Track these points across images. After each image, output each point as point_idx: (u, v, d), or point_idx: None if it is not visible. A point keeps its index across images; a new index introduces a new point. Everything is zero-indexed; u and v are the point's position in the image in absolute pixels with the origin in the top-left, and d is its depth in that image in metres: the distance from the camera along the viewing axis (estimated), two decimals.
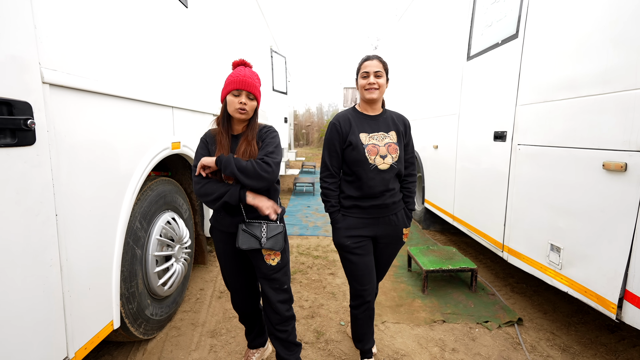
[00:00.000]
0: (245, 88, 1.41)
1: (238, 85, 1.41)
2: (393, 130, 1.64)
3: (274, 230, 1.49)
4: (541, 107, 2.08)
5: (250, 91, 1.43)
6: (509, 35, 2.42)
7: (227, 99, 1.45)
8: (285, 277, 1.60)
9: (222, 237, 1.58)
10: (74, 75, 1.25)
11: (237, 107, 1.42)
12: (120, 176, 1.59)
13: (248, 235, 1.45)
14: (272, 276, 1.55)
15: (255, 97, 1.46)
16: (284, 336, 1.62)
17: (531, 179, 2.17)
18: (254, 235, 1.45)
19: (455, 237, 4.23)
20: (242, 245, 1.44)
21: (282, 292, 1.59)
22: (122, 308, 1.72)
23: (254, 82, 1.44)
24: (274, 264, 1.53)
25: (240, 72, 1.43)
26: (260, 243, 1.45)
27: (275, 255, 1.53)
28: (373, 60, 1.57)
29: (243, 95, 1.42)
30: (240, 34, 3.89)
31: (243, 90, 1.42)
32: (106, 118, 1.46)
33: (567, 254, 1.88)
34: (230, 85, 1.43)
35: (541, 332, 2.24)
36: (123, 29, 1.59)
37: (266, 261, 1.52)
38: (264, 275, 1.55)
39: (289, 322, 1.63)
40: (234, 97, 1.42)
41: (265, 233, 1.47)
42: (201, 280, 2.89)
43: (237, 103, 1.42)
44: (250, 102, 1.45)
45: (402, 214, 1.71)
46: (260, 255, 1.52)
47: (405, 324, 2.31)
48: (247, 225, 1.46)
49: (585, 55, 1.76)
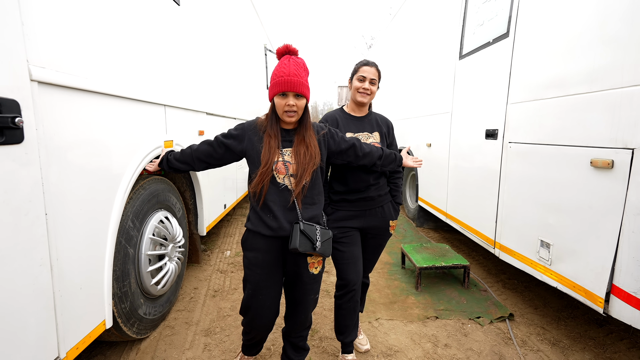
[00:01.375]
0: (291, 89, 1.30)
1: (284, 87, 1.30)
2: (377, 130, 1.75)
3: (326, 235, 1.42)
4: (531, 105, 2.11)
5: (297, 91, 1.31)
6: (500, 34, 2.45)
7: (275, 100, 1.35)
8: (319, 286, 1.57)
9: (263, 244, 1.42)
10: (63, 72, 1.23)
11: (286, 109, 1.33)
12: (112, 175, 1.58)
13: (305, 237, 1.35)
14: (311, 285, 1.49)
15: (304, 95, 1.34)
16: (297, 341, 1.63)
17: (522, 177, 2.21)
18: (310, 238, 1.36)
19: (448, 234, 4.27)
20: (300, 247, 1.32)
21: (314, 302, 1.57)
22: (115, 307, 1.71)
23: (299, 80, 1.31)
24: (315, 273, 1.47)
25: (285, 70, 1.30)
26: (315, 247, 1.36)
27: (318, 264, 1.47)
28: (371, 68, 1.69)
29: (290, 96, 1.32)
30: (234, 32, 3.87)
31: (290, 92, 1.31)
32: (97, 116, 1.45)
33: (556, 250, 1.91)
34: (275, 87, 1.32)
35: (532, 326, 2.28)
36: (114, 27, 1.57)
37: (309, 269, 1.45)
38: (304, 284, 1.48)
39: (308, 329, 1.66)
40: (281, 98, 1.33)
41: (320, 237, 1.39)
42: (195, 279, 2.88)
43: (285, 105, 1.33)
44: (299, 101, 1.34)
45: (389, 207, 1.80)
46: (305, 264, 1.44)
47: (398, 320, 2.33)
48: (304, 226, 1.36)
49: (574, 54, 1.79)
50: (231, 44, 3.77)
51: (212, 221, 3.15)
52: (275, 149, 1.36)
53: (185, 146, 2.43)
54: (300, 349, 1.66)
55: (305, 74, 1.35)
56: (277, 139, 1.38)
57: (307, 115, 1.42)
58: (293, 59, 1.34)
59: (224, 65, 3.49)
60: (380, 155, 1.63)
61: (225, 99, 3.58)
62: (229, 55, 3.68)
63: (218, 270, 3.08)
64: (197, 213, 2.87)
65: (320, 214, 1.49)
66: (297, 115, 1.36)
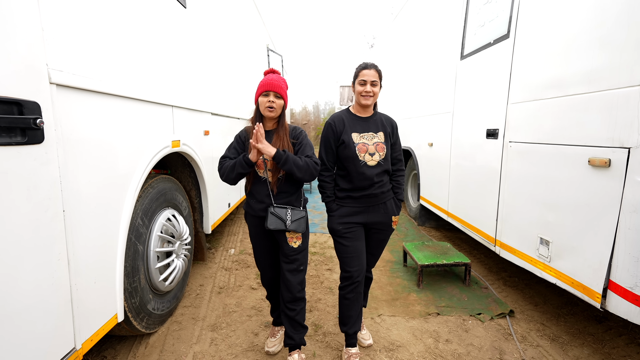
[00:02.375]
0: (273, 89, 1.66)
1: (266, 88, 1.66)
2: (381, 131, 1.82)
3: (297, 215, 1.72)
4: (531, 105, 2.15)
5: (277, 92, 1.67)
6: (501, 35, 2.49)
7: (259, 100, 1.69)
8: (304, 258, 1.81)
9: (253, 220, 1.80)
10: (79, 75, 1.29)
11: (266, 105, 1.66)
12: (123, 173, 1.63)
13: (275, 217, 1.67)
14: (292, 257, 1.76)
15: (282, 97, 1.69)
16: (292, 314, 1.80)
17: (522, 175, 2.25)
18: (280, 217, 1.68)
19: (450, 233, 4.31)
20: (269, 225, 1.66)
21: (298, 273, 1.79)
22: (125, 302, 1.76)
23: (280, 84, 1.68)
24: (295, 246, 1.76)
25: (269, 77, 1.69)
26: (286, 225, 1.67)
27: (297, 239, 1.75)
28: (371, 70, 1.74)
29: (271, 95, 1.66)
30: (237, 33, 3.92)
31: (271, 91, 1.66)
32: (109, 117, 1.51)
33: (555, 247, 1.95)
34: (260, 89, 1.69)
35: (532, 323, 2.32)
36: (124, 31, 1.63)
37: (289, 243, 1.75)
38: (286, 255, 1.77)
39: (299, 302, 1.82)
40: (264, 97, 1.67)
41: (290, 216, 1.69)
42: (201, 276, 2.94)
43: (266, 102, 1.66)
44: (278, 100, 1.68)
45: (392, 203, 1.88)
46: (284, 237, 1.75)
47: (400, 316, 2.38)
48: (274, 209, 1.68)
49: (572, 55, 1.82)
50: (235, 45, 3.82)
51: (217, 219, 3.21)
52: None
53: (192, 146, 2.50)
54: (296, 324, 1.82)
55: (284, 84, 1.72)
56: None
57: (283, 118, 1.75)
58: (276, 74, 1.74)
59: (228, 67, 3.54)
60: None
61: (229, 100, 3.63)
62: (232, 57, 3.74)
63: (223, 267, 3.14)
64: (203, 211, 2.93)
65: (295, 198, 1.78)
66: (275, 111, 1.68)
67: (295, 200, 1.79)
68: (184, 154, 2.48)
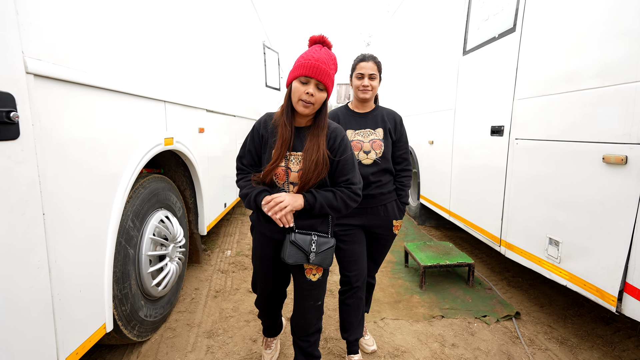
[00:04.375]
0: (316, 76, 1.15)
1: (307, 71, 1.15)
2: (381, 127, 1.70)
3: (324, 245, 1.30)
4: (539, 101, 2.08)
5: (322, 80, 1.16)
6: (506, 29, 2.41)
7: (293, 85, 1.20)
8: (321, 292, 1.46)
9: (262, 240, 1.41)
10: (61, 65, 1.18)
11: (303, 97, 1.17)
12: (111, 173, 1.52)
13: (296, 248, 1.26)
14: (308, 292, 1.41)
15: (326, 88, 1.20)
16: (305, 346, 1.56)
17: (529, 173, 2.17)
18: (303, 248, 1.27)
19: (451, 232, 4.25)
20: (288, 259, 1.26)
21: (314, 309, 1.47)
22: (115, 310, 1.65)
23: (327, 69, 1.17)
24: (314, 280, 1.38)
25: (314, 54, 1.17)
26: (309, 258, 1.28)
27: (317, 271, 1.38)
28: (368, 62, 1.63)
29: (312, 84, 1.17)
30: (233, 28, 3.80)
31: (312, 79, 1.16)
32: (96, 112, 1.39)
33: (566, 248, 1.88)
34: (298, 70, 1.17)
35: (539, 325, 2.25)
36: (113, 19, 1.51)
37: (306, 276, 1.37)
38: (300, 290, 1.42)
39: (315, 334, 1.56)
40: (301, 84, 1.18)
41: (315, 247, 1.28)
42: (196, 279, 2.83)
43: (303, 93, 1.17)
44: (319, 93, 1.19)
45: (393, 206, 1.75)
46: (301, 269, 1.37)
47: (404, 320, 2.30)
48: (295, 237, 1.26)
49: (584, 48, 1.75)
50: (231, 41, 3.71)
51: (212, 220, 3.10)
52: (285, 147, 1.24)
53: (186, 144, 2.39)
54: (309, 355, 1.58)
55: (334, 68, 1.23)
56: (291, 131, 1.24)
57: (324, 115, 1.26)
58: (325, 49, 1.21)
59: (224, 62, 3.43)
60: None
61: (225, 96, 3.52)
62: (229, 53, 3.62)
63: (219, 270, 3.03)
64: (198, 212, 2.82)
65: (321, 222, 1.35)
66: (313, 108, 1.21)
67: (321, 224, 1.35)
68: (178, 152, 2.36)
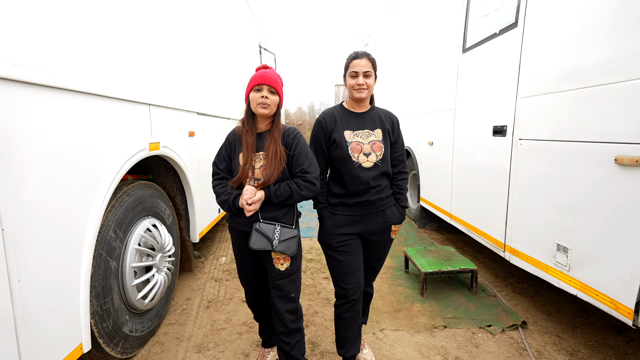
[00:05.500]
0: (267, 82, 1.44)
1: (259, 81, 1.44)
2: (379, 128, 1.61)
3: (287, 234, 1.48)
4: (544, 99, 1.97)
5: (271, 85, 1.44)
6: (508, 24, 2.31)
7: (250, 96, 1.47)
8: (292, 285, 1.55)
9: (236, 235, 1.59)
10: (22, 66, 1.07)
11: (259, 101, 1.43)
12: (86, 181, 1.42)
13: (260, 235, 1.44)
14: (278, 281, 1.52)
15: (277, 92, 1.47)
16: (287, 348, 1.57)
17: (535, 175, 2.06)
18: (267, 236, 1.44)
19: (452, 235, 4.13)
20: (253, 245, 1.43)
21: (287, 302, 1.54)
22: (95, 327, 1.55)
23: (274, 78, 1.46)
24: (282, 269, 1.51)
25: (262, 71, 1.48)
26: (272, 245, 1.44)
27: (284, 260, 1.50)
28: (362, 59, 1.53)
29: (265, 89, 1.44)
30: (226, 29, 3.70)
31: (264, 85, 1.44)
32: (66, 116, 1.29)
33: (575, 255, 1.77)
34: (252, 82, 1.47)
35: (546, 335, 2.14)
36: (85, 13, 1.41)
37: (274, 265, 1.50)
38: (271, 279, 1.54)
39: (294, 335, 1.58)
40: (256, 92, 1.45)
41: (278, 236, 1.46)
42: (188, 288, 2.72)
43: (259, 97, 1.43)
44: (272, 96, 1.46)
45: (392, 210, 1.67)
46: (270, 258, 1.51)
47: (404, 330, 2.19)
48: (260, 226, 1.45)
49: (593, 41, 1.64)
50: (225, 43, 3.61)
51: (205, 227, 3.00)
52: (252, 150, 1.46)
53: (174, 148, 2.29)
54: (291, 358, 1.58)
55: (280, 79, 1.49)
56: (254, 137, 1.47)
57: (278, 118, 1.50)
58: (270, 69, 1.51)
59: (217, 64, 3.33)
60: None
61: (218, 98, 3.42)
62: (222, 54, 3.52)
63: (212, 278, 2.92)
64: (189, 219, 2.71)
65: (285, 213, 1.52)
66: (270, 109, 1.45)
67: (285, 216, 1.53)
68: (166, 157, 2.26)
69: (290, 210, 1.55)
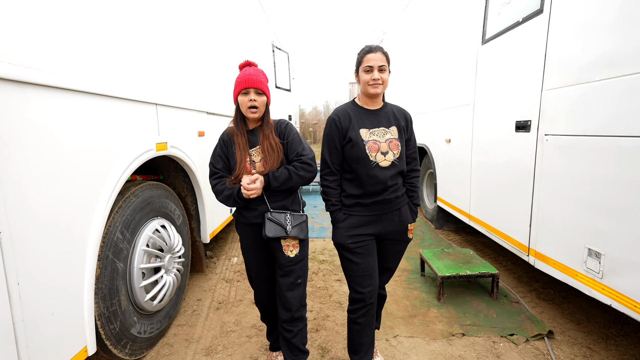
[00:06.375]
0: (252, 85, 1.47)
1: (245, 85, 1.47)
2: (394, 125, 1.55)
3: (298, 219, 1.56)
4: (573, 90, 1.81)
5: (257, 87, 1.48)
6: (533, 11, 2.14)
7: (239, 99, 1.51)
8: (301, 270, 1.61)
9: (246, 230, 1.62)
10: (20, 66, 1.06)
11: (248, 105, 1.48)
12: (90, 182, 1.40)
13: (274, 223, 1.50)
14: (288, 268, 1.57)
15: (264, 92, 1.51)
16: (289, 336, 1.60)
17: (562, 174, 1.90)
18: (280, 223, 1.51)
19: (471, 237, 3.95)
20: (268, 232, 1.48)
21: (295, 287, 1.60)
22: (102, 329, 1.54)
23: (259, 79, 1.49)
24: (292, 256, 1.56)
25: (246, 72, 1.50)
26: (286, 231, 1.51)
27: (294, 247, 1.56)
28: (376, 53, 1.46)
29: (252, 92, 1.48)
30: (238, 28, 3.68)
31: (251, 88, 1.48)
32: (68, 117, 1.27)
33: (609, 261, 1.61)
34: (238, 87, 1.50)
35: (576, 346, 1.98)
36: (90, 10, 1.39)
37: (284, 252, 1.55)
38: (281, 267, 1.58)
39: (297, 322, 1.62)
40: (244, 96, 1.49)
41: (290, 221, 1.53)
42: (199, 289, 2.71)
43: (247, 101, 1.48)
44: (260, 97, 1.50)
45: (406, 209, 1.62)
46: (280, 246, 1.56)
47: (420, 337, 2.08)
48: (272, 214, 1.52)
49: (630, 25, 1.48)
50: (235, 41, 3.58)
51: (216, 227, 2.98)
52: (245, 149, 1.51)
53: (183, 149, 2.27)
54: (294, 348, 1.62)
55: (264, 77, 1.53)
56: (245, 138, 1.52)
57: (267, 114, 1.57)
58: (253, 67, 1.54)
59: (227, 63, 3.30)
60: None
61: (229, 97, 3.39)
62: (233, 53, 3.50)
63: (223, 279, 2.90)
64: (200, 219, 2.70)
65: (292, 202, 1.60)
66: (259, 111, 1.51)
67: (292, 204, 1.61)
68: (174, 157, 2.25)
69: (296, 198, 1.64)
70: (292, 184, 1.52)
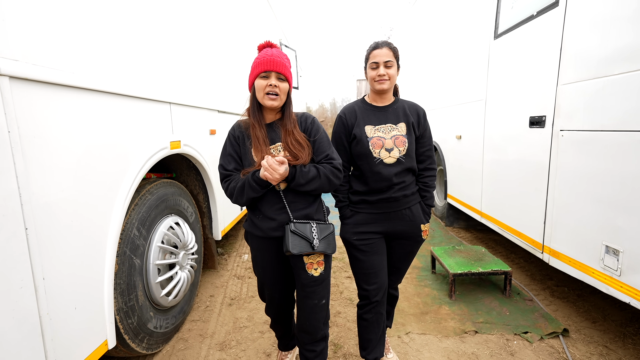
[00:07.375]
0: (274, 69, 1.23)
1: (266, 67, 1.23)
2: (403, 121, 1.52)
3: (325, 231, 1.32)
4: (590, 84, 1.77)
5: (280, 72, 1.25)
6: (548, 4, 2.10)
7: (255, 83, 1.27)
8: (325, 290, 1.39)
9: (260, 244, 1.37)
10: (43, 67, 1.08)
11: (267, 90, 1.24)
12: (108, 180, 1.43)
13: (298, 237, 1.25)
14: (311, 288, 1.34)
15: (287, 79, 1.28)
16: (311, 356, 1.45)
17: (579, 170, 1.87)
18: (305, 236, 1.25)
19: (482, 234, 3.92)
20: (292, 249, 1.23)
21: (319, 309, 1.38)
22: (120, 323, 1.57)
23: (282, 62, 1.25)
24: (316, 275, 1.33)
25: (267, 53, 1.26)
26: (312, 246, 1.26)
27: (318, 265, 1.33)
28: (382, 49, 1.45)
29: (272, 76, 1.25)
30: (247, 26, 3.70)
31: (272, 72, 1.24)
32: (87, 116, 1.30)
33: (628, 258, 1.58)
34: (257, 68, 1.25)
35: (592, 345, 1.95)
36: (105, 13, 1.41)
37: (308, 271, 1.32)
38: (303, 287, 1.36)
39: (320, 343, 1.45)
40: (262, 79, 1.25)
41: (317, 234, 1.28)
42: (211, 285, 2.75)
43: (267, 86, 1.24)
44: (282, 83, 1.26)
45: (418, 209, 1.58)
46: (302, 264, 1.32)
47: (432, 335, 2.08)
48: (295, 226, 1.25)
49: None
50: (244, 39, 3.60)
51: (228, 224, 3.01)
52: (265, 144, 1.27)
53: (196, 147, 2.30)
54: None
55: (287, 61, 1.29)
56: (264, 130, 1.29)
57: (289, 105, 1.33)
58: (275, 48, 1.30)
59: (236, 61, 3.32)
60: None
61: (238, 96, 3.42)
62: (242, 51, 3.51)
63: (235, 275, 2.94)
64: (212, 217, 2.73)
65: (316, 210, 1.37)
66: (279, 99, 1.27)
67: (317, 212, 1.37)
68: (187, 155, 2.28)
69: (321, 205, 1.42)
70: (315, 187, 1.28)
